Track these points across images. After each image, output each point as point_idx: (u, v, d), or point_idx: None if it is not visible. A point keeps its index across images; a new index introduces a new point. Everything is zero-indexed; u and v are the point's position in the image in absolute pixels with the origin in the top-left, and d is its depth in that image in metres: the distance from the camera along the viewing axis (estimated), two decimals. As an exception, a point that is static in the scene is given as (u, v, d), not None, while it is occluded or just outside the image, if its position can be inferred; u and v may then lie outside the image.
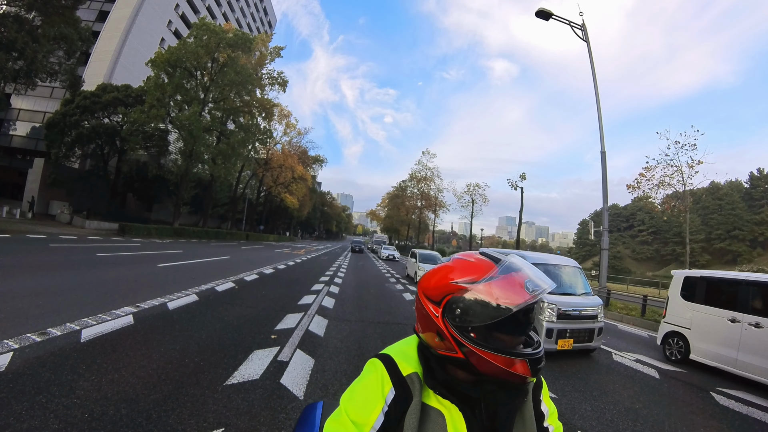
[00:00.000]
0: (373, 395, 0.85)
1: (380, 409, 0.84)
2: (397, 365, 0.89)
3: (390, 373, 0.87)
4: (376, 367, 0.89)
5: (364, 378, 0.90)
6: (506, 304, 0.80)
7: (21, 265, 8.81)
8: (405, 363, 0.90)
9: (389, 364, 0.89)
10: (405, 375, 0.87)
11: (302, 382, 3.86)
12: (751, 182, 74.76)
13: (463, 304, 0.83)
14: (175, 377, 3.59)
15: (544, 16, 14.32)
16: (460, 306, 0.84)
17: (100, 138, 30.71)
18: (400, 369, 0.88)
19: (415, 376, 0.88)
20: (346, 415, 0.85)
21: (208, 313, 6.41)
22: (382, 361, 0.90)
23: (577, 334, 6.20)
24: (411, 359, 0.91)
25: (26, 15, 20.50)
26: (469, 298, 0.83)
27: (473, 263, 0.89)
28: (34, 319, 4.79)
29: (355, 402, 0.86)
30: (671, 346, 7.09)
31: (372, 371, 0.89)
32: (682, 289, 7.14)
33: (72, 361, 3.67)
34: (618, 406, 4.50)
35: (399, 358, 0.91)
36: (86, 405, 2.87)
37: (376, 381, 0.87)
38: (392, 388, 0.85)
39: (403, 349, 0.96)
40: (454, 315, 0.84)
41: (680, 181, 16.44)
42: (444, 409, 0.85)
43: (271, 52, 37.62)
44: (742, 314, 5.94)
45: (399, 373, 0.87)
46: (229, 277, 10.71)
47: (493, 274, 0.84)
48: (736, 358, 5.89)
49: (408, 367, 0.89)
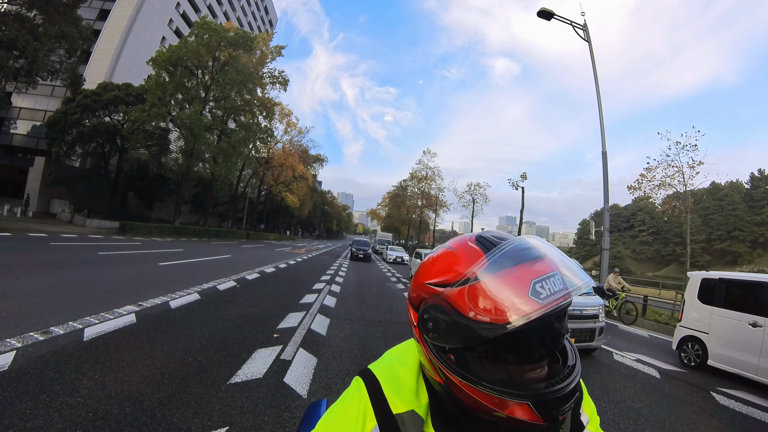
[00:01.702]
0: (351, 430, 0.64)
1: None
2: (385, 399, 0.66)
3: (375, 407, 0.65)
4: (360, 395, 0.68)
5: (344, 404, 0.68)
6: (495, 318, 0.53)
7: (22, 264, 8.82)
8: (396, 396, 0.66)
9: (375, 396, 0.66)
10: (395, 413, 0.64)
11: (305, 381, 3.87)
12: (751, 183, 74.63)
13: (432, 314, 0.61)
14: (179, 376, 3.60)
15: (546, 16, 14.29)
16: (431, 317, 0.62)
17: (101, 136, 30.76)
18: (389, 405, 0.65)
19: (410, 415, 0.64)
20: None
21: (210, 311, 6.42)
22: (367, 388, 0.68)
23: (578, 333, 6.20)
24: (406, 388, 0.68)
25: (27, 13, 20.49)
26: (438, 307, 0.60)
27: (457, 255, 0.64)
28: (36, 318, 4.80)
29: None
30: (688, 351, 6.82)
31: (354, 398, 0.68)
32: (699, 292, 6.86)
33: (75, 359, 3.68)
34: (619, 405, 4.50)
35: (389, 387, 0.67)
36: (90, 404, 2.88)
37: (357, 414, 0.65)
38: (376, 427, 0.64)
39: (398, 370, 0.71)
40: (427, 329, 0.63)
41: (681, 181, 16.43)
42: None
43: (272, 51, 37.58)
44: (765, 318, 5.71)
45: (387, 410, 0.65)
46: (230, 276, 10.72)
47: (477, 270, 0.57)
48: (758, 365, 5.65)
49: (399, 402, 0.65)
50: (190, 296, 7.33)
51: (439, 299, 0.60)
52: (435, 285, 0.62)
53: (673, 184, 16.74)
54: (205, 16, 35.86)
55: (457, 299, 0.57)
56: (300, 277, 13.03)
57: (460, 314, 0.56)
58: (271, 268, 14.29)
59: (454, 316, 0.57)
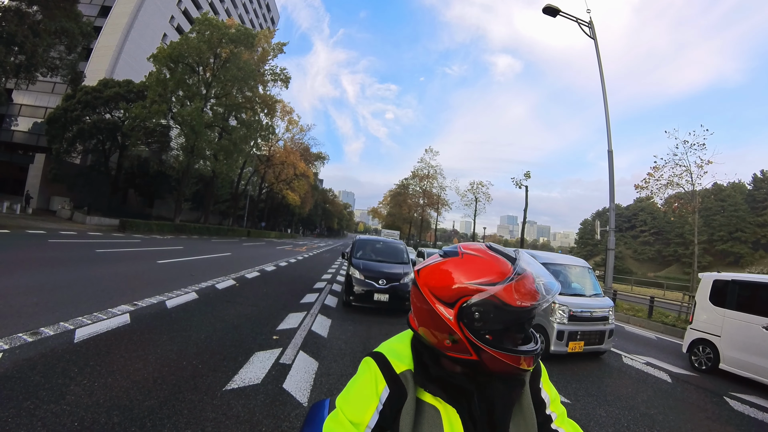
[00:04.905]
0: (368, 394, 0.85)
1: (375, 408, 0.83)
2: (390, 363, 0.87)
3: (383, 371, 0.86)
4: (370, 366, 0.88)
5: (359, 377, 0.89)
6: (524, 306, 0.77)
7: (18, 262, 8.66)
8: (397, 360, 0.88)
9: (382, 363, 0.88)
10: (398, 373, 0.86)
11: (306, 387, 3.70)
12: (754, 184, 74.25)
13: (483, 308, 0.79)
14: (172, 381, 3.42)
15: (552, 13, 14.05)
16: (479, 310, 0.79)
17: (101, 133, 30.57)
18: (393, 367, 0.87)
19: (409, 373, 0.87)
20: (342, 415, 0.85)
21: (207, 312, 6.24)
22: (375, 360, 0.89)
23: (588, 336, 6.02)
24: (403, 357, 0.90)
25: (27, 9, 20.32)
26: (489, 302, 0.78)
27: (487, 261, 0.84)
28: (26, 318, 4.63)
29: (350, 401, 0.86)
30: (699, 355, 6.64)
31: (366, 370, 0.88)
32: (711, 294, 6.68)
33: (64, 363, 3.51)
34: (633, 411, 4.36)
35: (391, 356, 0.89)
36: (76, 412, 2.70)
37: (370, 380, 0.86)
38: (386, 386, 0.84)
39: (395, 346, 0.94)
40: (472, 319, 0.79)
41: (689, 181, 16.19)
42: (439, 404, 0.84)
43: (274, 48, 37.32)
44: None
45: (392, 370, 0.86)
46: (230, 275, 10.54)
47: (511, 275, 0.79)
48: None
49: (401, 364, 0.88)
50: (187, 295, 7.16)
51: (487, 295, 0.78)
52: (481, 284, 0.79)
53: (680, 184, 16.52)
54: (207, 13, 35.60)
55: (505, 294, 0.77)
56: (301, 275, 12.85)
57: (507, 304, 0.77)
58: (271, 267, 14.11)
59: (503, 306, 0.77)
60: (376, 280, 7.76)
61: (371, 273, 7.90)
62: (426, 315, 0.86)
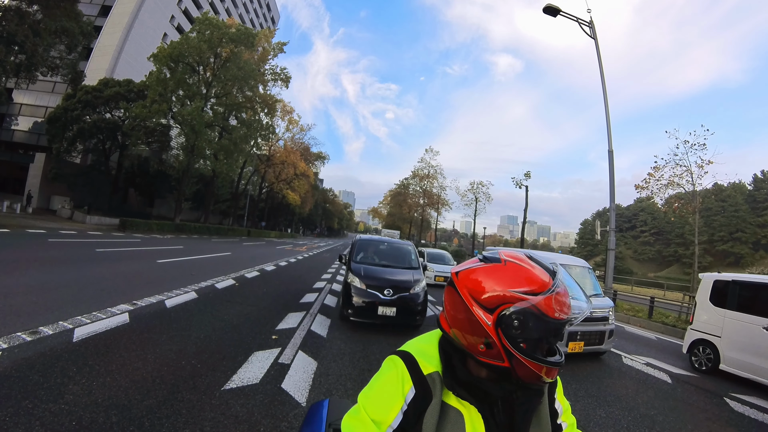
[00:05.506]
0: (393, 393, 0.83)
1: (399, 408, 0.82)
2: (417, 363, 0.85)
3: (411, 371, 0.84)
4: (396, 364, 0.86)
5: (384, 375, 0.87)
6: (561, 318, 0.79)
7: (17, 261, 8.65)
8: (426, 362, 0.86)
9: (410, 362, 0.86)
10: (426, 374, 0.84)
11: (305, 387, 3.68)
12: (754, 184, 74.19)
13: (523, 316, 0.79)
14: (171, 381, 3.41)
15: (552, 13, 14.02)
16: (519, 318, 0.79)
17: (101, 133, 30.57)
18: (421, 367, 0.85)
19: (436, 375, 0.85)
20: (364, 413, 0.83)
21: (207, 311, 6.24)
22: (402, 359, 0.87)
23: (588, 336, 6.01)
24: (431, 358, 0.88)
25: (27, 8, 20.31)
26: (529, 311, 0.79)
27: (530, 271, 0.84)
28: (25, 317, 4.62)
29: (374, 400, 0.85)
30: (699, 355, 6.63)
31: (392, 368, 0.87)
32: (711, 294, 6.68)
33: (62, 362, 3.50)
34: (633, 412, 4.35)
35: (420, 357, 0.87)
36: (75, 411, 2.70)
37: (396, 379, 0.84)
38: (412, 387, 0.83)
39: (423, 347, 0.92)
40: (511, 326, 0.80)
41: (689, 181, 16.16)
42: (463, 408, 0.84)
43: (274, 48, 37.31)
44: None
45: (420, 371, 0.84)
46: (229, 274, 10.54)
47: (552, 287, 0.81)
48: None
49: (429, 366, 0.86)
50: (187, 295, 7.15)
51: (528, 305, 0.78)
52: (524, 293, 0.80)
53: (681, 184, 16.49)
54: (207, 12, 35.63)
55: (545, 305, 0.78)
56: (301, 275, 12.85)
57: (546, 315, 0.78)
58: (271, 266, 14.11)
59: (542, 316, 0.78)
60: (381, 289, 6.36)
61: (374, 281, 6.53)
62: (462, 317, 0.86)
